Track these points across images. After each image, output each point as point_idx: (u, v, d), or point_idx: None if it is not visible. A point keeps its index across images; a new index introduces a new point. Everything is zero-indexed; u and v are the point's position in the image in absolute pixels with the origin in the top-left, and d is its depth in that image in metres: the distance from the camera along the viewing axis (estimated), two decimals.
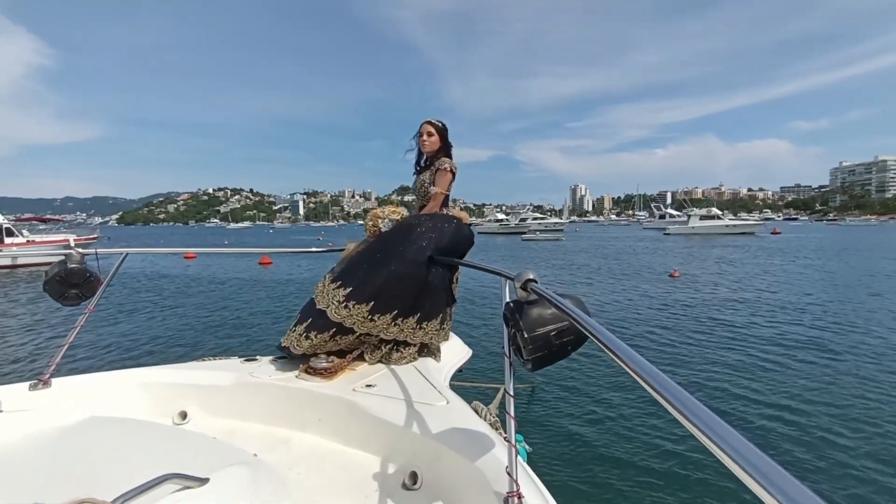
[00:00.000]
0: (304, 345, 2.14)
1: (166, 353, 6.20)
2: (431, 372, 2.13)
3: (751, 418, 5.32)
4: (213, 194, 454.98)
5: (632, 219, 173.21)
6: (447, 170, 2.66)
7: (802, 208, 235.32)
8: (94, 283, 2.11)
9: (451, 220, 2.56)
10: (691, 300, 12.83)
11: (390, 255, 2.29)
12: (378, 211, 2.66)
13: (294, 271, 22.62)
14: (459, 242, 2.54)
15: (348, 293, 2.20)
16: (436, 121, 2.76)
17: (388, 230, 2.53)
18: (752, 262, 23.81)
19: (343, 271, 2.36)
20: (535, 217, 75.40)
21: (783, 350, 7.93)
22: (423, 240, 2.36)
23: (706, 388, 6.20)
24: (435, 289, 2.36)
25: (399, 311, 2.24)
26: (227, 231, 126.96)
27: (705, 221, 59.15)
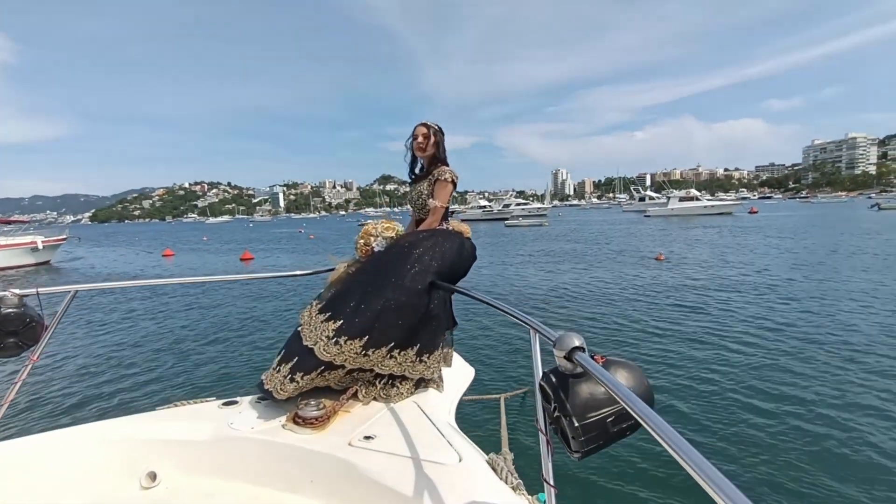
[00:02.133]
0: (288, 388, 1.86)
1: (133, 399, 5.03)
2: (435, 410, 1.90)
3: (744, 398, 5.26)
4: (189, 189, 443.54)
5: (613, 202, 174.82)
6: (447, 180, 2.39)
7: (777, 187, 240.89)
8: (36, 328, 1.79)
9: (452, 238, 2.31)
10: (680, 284, 12.84)
11: (386, 282, 2.03)
12: (370, 227, 2.38)
13: (276, 282, 21.97)
14: (462, 261, 2.30)
15: (339, 327, 1.93)
16: (431, 123, 2.49)
17: (381, 250, 2.26)
18: (734, 242, 24.12)
19: (333, 300, 2.09)
20: (518, 203, 75.42)
21: (778, 332, 7.95)
22: (423, 263, 2.10)
23: (704, 373, 6.14)
24: (435, 316, 2.11)
25: (395, 343, 1.99)
26: (207, 226, 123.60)
27: (684, 203, 59.95)
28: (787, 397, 5.49)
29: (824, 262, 15.84)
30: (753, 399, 5.47)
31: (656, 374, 6.34)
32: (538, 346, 1.17)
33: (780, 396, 5.52)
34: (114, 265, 26.61)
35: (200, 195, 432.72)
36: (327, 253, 27.92)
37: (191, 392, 4.50)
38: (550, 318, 9.62)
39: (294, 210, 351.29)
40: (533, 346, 1.17)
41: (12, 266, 25.23)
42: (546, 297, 12.09)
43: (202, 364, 5.92)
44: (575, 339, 0.97)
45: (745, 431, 4.77)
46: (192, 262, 26.88)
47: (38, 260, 26.55)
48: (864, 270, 13.81)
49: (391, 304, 1.96)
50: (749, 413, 5.15)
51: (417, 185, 2.50)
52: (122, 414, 1.88)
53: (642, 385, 0.94)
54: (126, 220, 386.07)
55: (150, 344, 6.61)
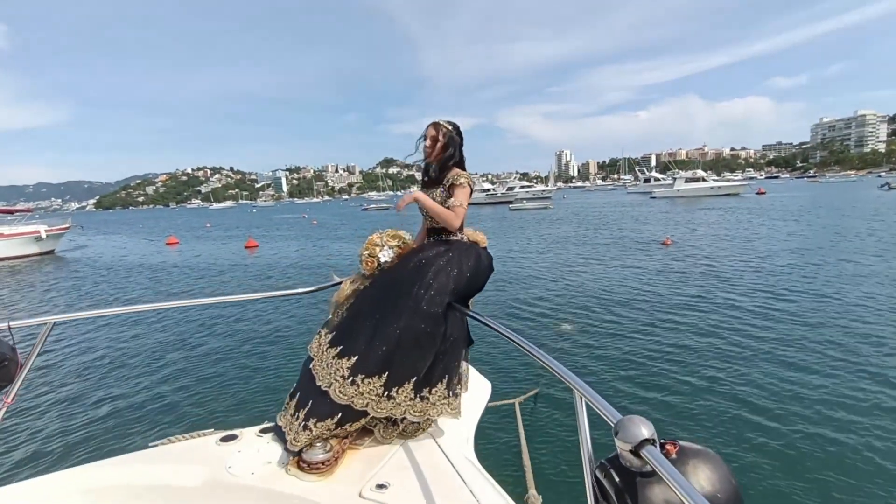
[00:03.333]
0: (302, 439, 1.68)
1: (123, 436, 4.43)
2: (454, 444, 1.72)
3: (755, 388, 5.11)
4: (192, 174, 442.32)
5: (617, 183, 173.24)
6: (464, 184, 2.14)
7: (784, 166, 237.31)
8: (9, 366, 1.60)
9: (469, 252, 2.10)
10: (688, 270, 12.62)
11: (399, 307, 1.83)
12: (375, 237, 2.18)
13: (281, 261, 21.90)
14: (479, 276, 2.10)
15: (354, 364, 1.74)
16: (444, 122, 2.21)
17: (387, 260, 2.07)
18: (742, 225, 23.75)
19: (343, 329, 1.90)
20: (523, 185, 74.64)
21: (795, 322, 7.75)
22: (439, 283, 1.89)
23: (712, 360, 5.98)
24: (455, 341, 1.93)
25: (418, 377, 1.80)
26: (211, 212, 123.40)
27: (690, 184, 59.17)
28: (799, 391, 5.32)
29: (836, 247, 15.52)
30: (763, 391, 5.31)
31: (667, 366, 6.18)
32: (585, 413, 0.98)
33: (792, 391, 5.36)
34: (119, 254, 26.59)
35: (203, 180, 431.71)
36: (329, 239, 27.85)
37: (187, 425, 3.97)
38: (560, 312, 9.45)
39: (297, 195, 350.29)
40: (579, 413, 0.99)
41: (17, 256, 25.24)
42: (554, 286, 11.90)
43: (198, 393, 5.24)
44: (643, 428, 0.81)
45: (750, 423, 4.62)
46: (197, 250, 26.80)
47: (42, 249, 26.55)
48: (876, 256, 13.51)
49: (408, 333, 1.77)
50: (757, 406, 4.99)
51: (429, 192, 2.25)
52: (112, 454, 1.72)
53: (730, 487, 0.77)
54: (130, 207, 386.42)
55: (140, 374, 5.68)
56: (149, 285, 15.24)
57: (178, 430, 1.93)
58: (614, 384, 5.82)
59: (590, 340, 7.32)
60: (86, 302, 12.98)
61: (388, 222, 15.66)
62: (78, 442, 4.30)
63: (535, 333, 7.90)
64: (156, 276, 16.94)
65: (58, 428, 4.51)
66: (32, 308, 12.44)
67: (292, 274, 15.90)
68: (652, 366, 6.25)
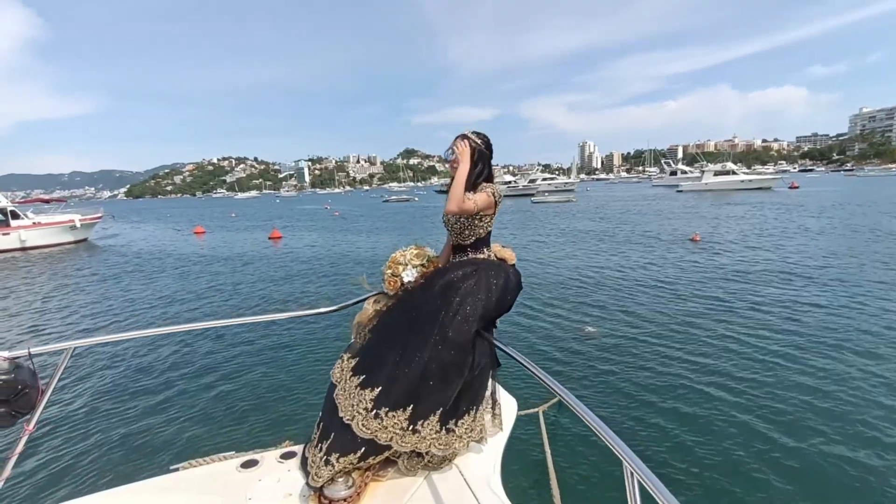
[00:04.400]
0: (324, 475, 1.62)
1: (143, 460, 4.32)
2: (481, 477, 1.64)
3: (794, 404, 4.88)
4: (217, 164, 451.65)
5: (642, 176, 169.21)
6: (489, 193, 2.01)
7: (819, 158, 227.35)
8: (30, 393, 1.58)
9: (499, 272, 1.99)
10: (718, 269, 12.21)
11: (425, 334, 1.75)
12: (398, 255, 2.11)
13: (304, 253, 22.10)
14: (507, 298, 1.99)
15: (377, 396, 1.68)
16: (472, 134, 2.06)
17: (411, 280, 2.00)
18: (776, 222, 22.86)
19: (366, 356, 1.84)
20: (545, 178, 73.65)
21: (833, 330, 7.40)
22: (466, 309, 1.79)
23: (749, 376, 5.75)
24: (483, 368, 1.84)
25: (447, 409, 1.72)
26: (236, 202, 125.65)
27: (720, 177, 57.33)
28: (832, 402, 5.06)
29: (878, 250, 14.79)
30: (795, 402, 5.07)
31: (697, 373, 5.97)
32: (637, 493, 0.87)
33: (826, 403, 5.10)
34: (148, 243, 27.34)
35: (228, 170, 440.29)
36: (351, 232, 27.99)
37: (209, 447, 3.80)
38: (583, 313, 9.25)
39: (319, 185, 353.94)
40: (629, 491, 0.87)
41: (53, 244, 26.21)
42: (577, 284, 11.68)
43: (219, 415, 5.09)
44: None
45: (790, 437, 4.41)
46: (223, 240, 27.34)
47: (76, 238, 27.50)
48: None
49: (434, 364, 1.69)
50: (791, 416, 4.76)
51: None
52: (134, 478, 1.69)
53: None
54: (159, 196, 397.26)
55: (161, 396, 5.53)
56: (177, 275, 15.59)
57: (200, 453, 1.90)
58: (642, 408, 5.65)
59: (615, 349, 7.04)
60: (118, 294, 13.35)
61: (409, 213, 15.56)
62: (100, 467, 4.29)
63: (558, 335, 7.73)
64: (184, 267, 17.32)
65: (79, 454, 4.43)
66: (70, 299, 12.86)
67: (316, 267, 16.03)
68: (683, 384, 6.02)
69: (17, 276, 17.12)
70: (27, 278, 16.45)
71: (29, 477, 4.07)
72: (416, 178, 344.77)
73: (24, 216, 25.90)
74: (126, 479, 1.72)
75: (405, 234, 26.07)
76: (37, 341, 7.05)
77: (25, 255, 23.67)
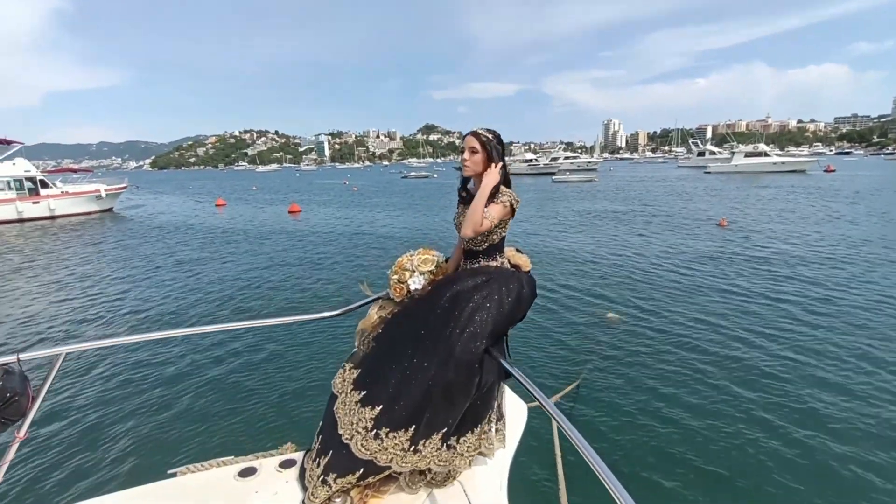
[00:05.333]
0: (320, 495, 1.53)
1: (139, 465, 4.13)
2: (485, 494, 1.52)
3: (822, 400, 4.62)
4: (239, 137, 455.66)
5: (668, 156, 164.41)
6: (505, 203, 1.84)
7: (858, 141, 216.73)
8: (21, 401, 1.50)
9: (511, 281, 1.83)
10: (747, 256, 11.75)
11: (431, 351, 1.63)
12: (404, 260, 1.96)
13: (322, 228, 22.14)
14: (520, 309, 1.83)
15: (377, 415, 1.57)
16: (483, 131, 1.91)
17: (418, 288, 1.87)
18: (811, 208, 21.87)
19: (367, 369, 1.74)
20: (567, 156, 72.07)
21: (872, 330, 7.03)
22: (476, 323, 1.66)
23: (780, 371, 5.49)
24: (490, 385, 1.70)
25: (448, 428, 1.61)
26: (257, 175, 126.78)
27: (751, 159, 55.21)
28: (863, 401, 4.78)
29: None
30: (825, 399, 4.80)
31: (724, 369, 5.73)
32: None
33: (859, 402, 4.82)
34: (171, 214, 27.82)
35: (250, 143, 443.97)
36: (368, 208, 27.94)
37: (206, 451, 3.50)
38: (604, 298, 9.00)
39: (339, 159, 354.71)
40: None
41: (79, 213, 26.88)
42: (598, 268, 11.39)
43: (217, 419, 4.79)
44: None
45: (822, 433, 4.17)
46: (243, 212, 27.65)
47: (101, 207, 28.14)
48: None
49: (439, 384, 1.57)
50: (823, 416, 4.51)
51: (466, 209, 1.96)
52: (131, 483, 1.62)
53: None
54: (182, 167, 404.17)
55: (157, 400, 5.17)
56: (197, 246, 15.83)
57: (199, 457, 1.81)
58: (667, 405, 5.45)
59: (637, 338, 6.82)
60: (139, 267, 13.58)
61: (428, 190, 15.25)
62: (95, 472, 4.10)
63: (578, 322, 7.53)
64: (204, 239, 17.55)
65: (73, 459, 4.28)
66: (99, 267, 13.14)
67: (333, 243, 16.04)
68: (710, 382, 5.77)
69: (49, 243, 17.61)
70: (58, 246, 16.89)
71: (21, 485, 3.94)
72: (436, 154, 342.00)
73: (53, 185, 26.54)
74: (123, 485, 1.65)
75: (422, 211, 25.90)
76: (28, 345, 6.84)
77: (54, 223, 24.34)
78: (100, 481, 3.98)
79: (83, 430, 4.69)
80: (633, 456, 4.13)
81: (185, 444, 4.40)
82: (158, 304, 9.22)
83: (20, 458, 4.06)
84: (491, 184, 1.82)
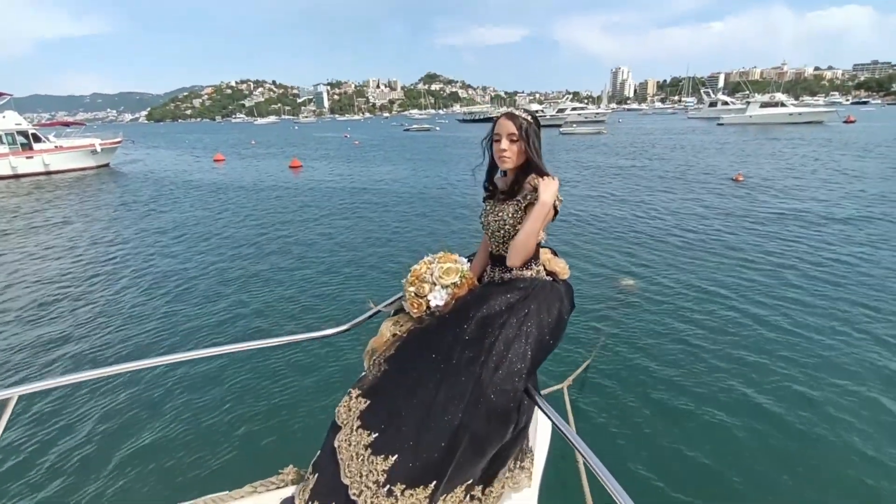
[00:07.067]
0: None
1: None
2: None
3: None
4: (236, 87, 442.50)
5: (678, 106, 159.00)
6: (548, 205, 1.51)
7: (876, 90, 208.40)
8: None
9: (552, 299, 1.51)
10: (765, 213, 11.26)
11: (456, 391, 1.30)
12: (423, 268, 1.61)
13: (324, 184, 21.58)
14: (561, 330, 1.50)
15: (392, 467, 1.25)
16: (521, 113, 1.56)
17: (440, 306, 1.54)
18: (831, 162, 20.96)
19: (378, 403, 1.40)
20: (575, 108, 69.54)
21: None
22: (512, 360, 1.34)
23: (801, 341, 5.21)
24: (524, 426, 1.46)
25: (475, 479, 1.36)
26: (255, 128, 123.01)
27: (766, 109, 53.04)
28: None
29: None
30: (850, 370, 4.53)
31: (734, 336, 5.44)
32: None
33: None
34: (169, 170, 27.14)
35: (247, 94, 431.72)
36: (370, 161, 27.15)
37: (180, 491, 2.72)
38: (619, 261, 8.64)
39: (338, 111, 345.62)
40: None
41: (75, 168, 26.21)
42: (611, 228, 10.97)
43: (189, 457, 3.86)
44: None
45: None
46: (243, 168, 26.95)
47: (97, 163, 27.42)
48: None
49: (467, 434, 1.26)
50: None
51: (498, 206, 1.64)
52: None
53: None
54: (179, 120, 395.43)
55: (128, 435, 4.14)
56: (200, 205, 15.41)
57: (188, 495, 1.47)
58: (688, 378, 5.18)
59: (655, 306, 6.47)
60: (134, 229, 13.26)
61: (430, 143, 14.42)
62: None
63: (588, 290, 7.20)
64: (204, 199, 17.07)
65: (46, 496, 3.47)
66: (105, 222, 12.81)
67: (335, 201, 15.56)
68: (732, 354, 5.46)
69: (43, 201, 17.18)
70: (56, 206, 16.47)
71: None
72: (438, 104, 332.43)
73: (46, 139, 25.73)
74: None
75: (426, 167, 25.14)
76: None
77: (50, 179, 23.77)
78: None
79: (41, 476, 3.73)
80: (650, 460, 3.73)
81: (172, 480, 3.65)
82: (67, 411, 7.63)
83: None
84: (551, 201, 1.49)
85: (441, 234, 10.66)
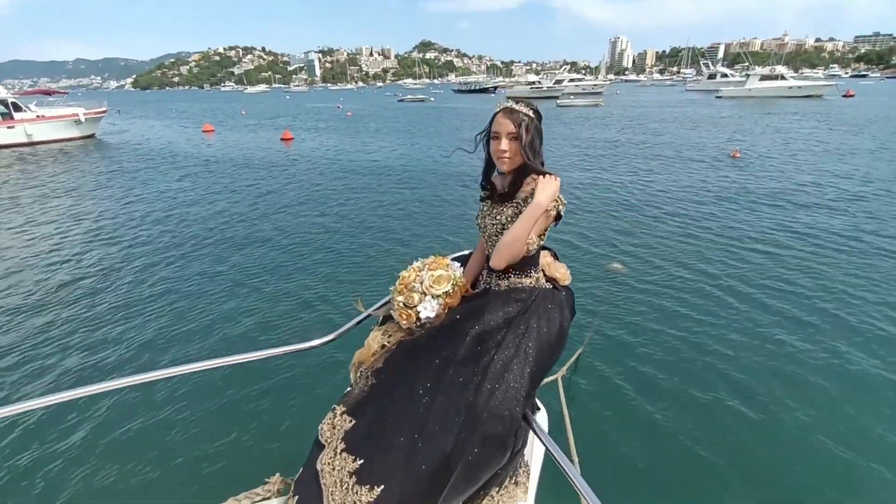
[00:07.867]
0: None
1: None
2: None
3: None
4: (224, 54, 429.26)
5: (676, 78, 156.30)
6: (550, 212, 1.43)
7: (876, 62, 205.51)
8: None
9: (552, 311, 1.43)
10: (761, 192, 11.17)
11: (449, 412, 1.21)
12: (411, 275, 1.50)
13: (316, 154, 21.20)
14: (562, 344, 1.43)
15: (377, 499, 1.14)
16: (521, 108, 1.44)
17: (430, 318, 1.43)
18: (830, 137, 20.80)
19: (364, 423, 1.29)
20: (572, 79, 68.20)
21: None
22: (512, 377, 1.25)
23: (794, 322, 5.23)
24: (520, 449, 1.36)
25: (467, 500, 1.29)
26: (245, 97, 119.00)
27: (766, 82, 52.33)
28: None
29: None
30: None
31: (744, 322, 5.45)
32: None
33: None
34: (158, 141, 26.44)
35: (236, 61, 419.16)
36: (364, 133, 26.65)
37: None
38: (608, 242, 8.57)
39: (330, 79, 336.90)
40: None
41: (58, 139, 25.44)
42: (602, 206, 10.86)
43: (166, 471, 3.53)
44: None
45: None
46: (233, 140, 26.31)
47: (82, 133, 26.62)
48: None
49: (460, 462, 1.17)
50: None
51: (496, 208, 1.53)
52: None
53: None
54: (166, 87, 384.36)
55: (98, 457, 3.73)
56: (189, 185, 15.07)
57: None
58: (679, 363, 5.18)
59: (645, 292, 6.34)
60: (122, 210, 13.00)
61: (425, 115, 14.03)
62: None
63: (577, 272, 7.16)
64: (194, 173, 16.66)
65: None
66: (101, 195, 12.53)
67: (329, 172, 15.26)
68: (727, 340, 5.44)
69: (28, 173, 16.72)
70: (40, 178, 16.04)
71: None
72: (432, 74, 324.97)
73: (27, 108, 24.87)
74: None
75: (420, 138, 24.67)
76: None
77: (33, 150, 23.09)
78: None
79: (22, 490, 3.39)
80: (647, 455, 3.68)
81: (150, 496, 3.38)
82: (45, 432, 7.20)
83: None
84: (546, 203, 1.38)
85: (438, 218, 10.50)
